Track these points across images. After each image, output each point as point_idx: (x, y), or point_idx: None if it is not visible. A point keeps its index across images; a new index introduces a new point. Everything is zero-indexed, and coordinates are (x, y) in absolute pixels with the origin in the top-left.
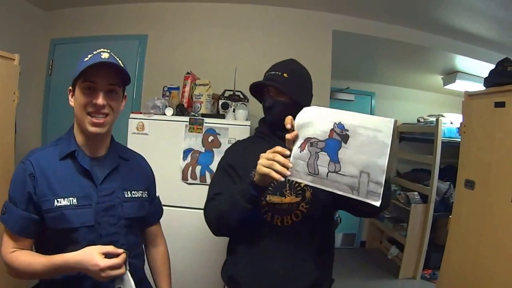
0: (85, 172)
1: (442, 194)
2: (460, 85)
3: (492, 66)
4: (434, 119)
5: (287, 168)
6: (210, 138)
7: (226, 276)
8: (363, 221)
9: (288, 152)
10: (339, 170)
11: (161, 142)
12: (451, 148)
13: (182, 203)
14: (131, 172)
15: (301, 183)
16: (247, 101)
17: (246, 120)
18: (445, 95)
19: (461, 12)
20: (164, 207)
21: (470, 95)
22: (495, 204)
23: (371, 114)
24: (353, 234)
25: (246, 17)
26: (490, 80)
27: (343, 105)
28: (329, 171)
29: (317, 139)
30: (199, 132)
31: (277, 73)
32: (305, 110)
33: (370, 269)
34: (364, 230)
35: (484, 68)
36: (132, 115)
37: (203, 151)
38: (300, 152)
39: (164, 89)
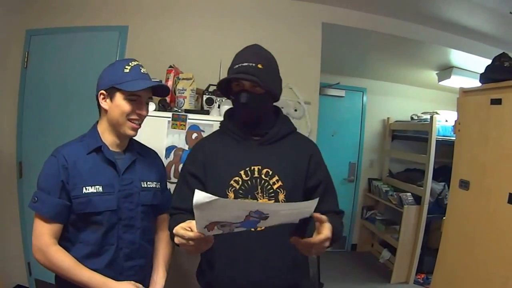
0: (110, 163)
1: (436, 195)
2: (456, 81)
3: (489, 61)
4: (428, 116)
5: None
6: (194, 135)
7: (203, 282)
8: (354, 223)
9: (203, 236)
10: (262, 228)
11: (143, 138)
12: (446, 147)
13: None
14: (147, 165)
15: (273, 185)
16: None
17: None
18: (440, 92)
19: (457, 4)
20: None
21: (465, 92)
22: (491, 205)
23: (362, 111)
24: (343, 237)
25: (232, 8)
26: (486, 76)
27: (333, 101)
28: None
29: (229, 222)
30: (182, 129)
31: (251, 64)
32: (200, 199)
33: (361, 273)
34: (355, 232)
35: (481, 64)
36: None
37: (187, 149)
38: (209, 231)
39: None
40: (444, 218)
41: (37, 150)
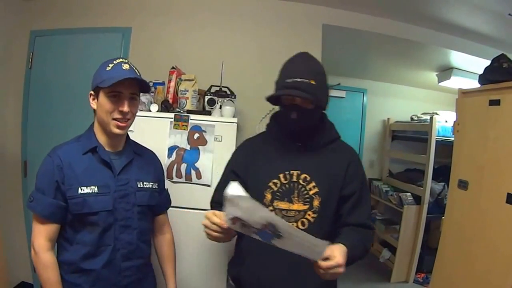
0: (105, 164)
1: (436, 195)
2: (456, 82)
3: (488, 63)
4: (428, 117)
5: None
6: (196, 135)
7: (231, 273)
8: None
9: (225, 226)
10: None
11: (145, 139)
12: (446, 147)
13: None
14: (144, 165)
15: (309, 191)
16: (234, 97)
17: (233, 117)
18: (440, 92)
19: (457, 6)
20: None
21: (464, 93)
22: (489, 205)
23: (362, 112)
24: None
25: (234, 10)
26: (485, 77)
27: (334, 102)
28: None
29: (250, 225)
30: (184, 129)
31: (304, 80)
32: (233, 191)
33: (361, 273)
34: None
35: (481, 65)
36: None
37: (189, 149)
38: (232, 224)
39: (149, 85)
40: (443, 217)
41: (41, 150)
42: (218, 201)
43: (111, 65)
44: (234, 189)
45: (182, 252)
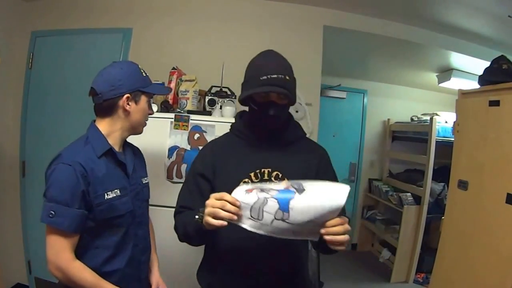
0: (119, 165)
1: (436, 195)
2: (456, 83)
3: (488, 64)
4: (428, 117)
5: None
6: (196, 135)
7: (204, 283)
8: (355, 223)
9: (238, 203)
10: (287, 219)
11: (145, 139)
12: (446, 148)
13: (167, 203)
14: (139, 162)
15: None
16: (235, 98)
17: (234, 117)
18: (440, 93)
19: (457, 8)
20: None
21: (464, 94)
22: (489, 205)
23: (363, 112)
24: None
25: (235, 11)
26: (485, 78)
27: (334, 102)
28: (275, 219)
29: (270, 188)
30: (184, 129)
31: (280, 76)
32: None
33: (361, 273)
34: (356, 232)
35: (480, 66)
36: None
37: (189, 149)
38: (246, 194)
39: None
40: (443, 218)
41: (40, 150)
42: (185, 206)
43: (143, 71)
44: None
45: (180, 252)
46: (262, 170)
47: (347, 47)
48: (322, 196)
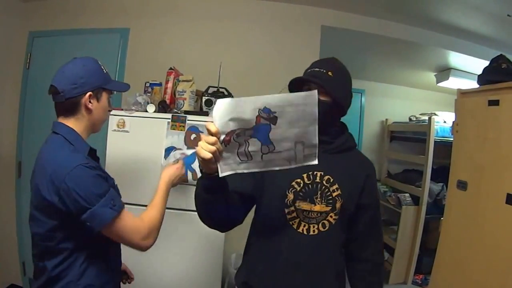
0: (98, 160)
1: (435, 195)
2: (454, 83)
3: (487, 63)
4: (426, 117)
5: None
6: (193, 136)
7: (240, 281)
8: None
9: (215, 129)
10: (274, 149)
11: (142, 139)
12: (444, 148)
13: None
14: None
15: (332, 192)
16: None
17: None
18: (438, 93)
19: (455, 7)
20: (144, 207)
21: (463, 93)
22: (488, 206)
23: (360, 112)
24: None
25: (232, 11)
26: (484, 78)
27: None
28: (263, 154)
29: (243, 128)
30: (181, 130)
31: (321, 70)
32: (220, 103)
33: None
34: None
35: (479, 65)
36: (112, 112)
37: (188, 154)
38: (225, 146)
39: (146, 85)
40: (442, 218)
41: (36, 151)
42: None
43: (103, 67)
44: (220, 104)
45: (178, 252)
46: (315, 172)
47: (344, 47)
48: (294, 114)
